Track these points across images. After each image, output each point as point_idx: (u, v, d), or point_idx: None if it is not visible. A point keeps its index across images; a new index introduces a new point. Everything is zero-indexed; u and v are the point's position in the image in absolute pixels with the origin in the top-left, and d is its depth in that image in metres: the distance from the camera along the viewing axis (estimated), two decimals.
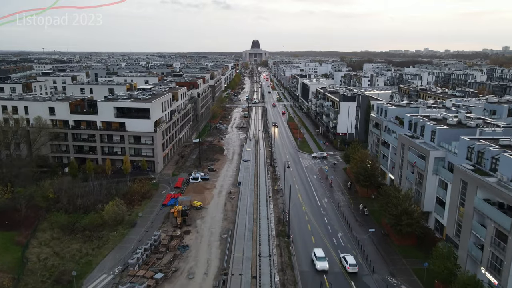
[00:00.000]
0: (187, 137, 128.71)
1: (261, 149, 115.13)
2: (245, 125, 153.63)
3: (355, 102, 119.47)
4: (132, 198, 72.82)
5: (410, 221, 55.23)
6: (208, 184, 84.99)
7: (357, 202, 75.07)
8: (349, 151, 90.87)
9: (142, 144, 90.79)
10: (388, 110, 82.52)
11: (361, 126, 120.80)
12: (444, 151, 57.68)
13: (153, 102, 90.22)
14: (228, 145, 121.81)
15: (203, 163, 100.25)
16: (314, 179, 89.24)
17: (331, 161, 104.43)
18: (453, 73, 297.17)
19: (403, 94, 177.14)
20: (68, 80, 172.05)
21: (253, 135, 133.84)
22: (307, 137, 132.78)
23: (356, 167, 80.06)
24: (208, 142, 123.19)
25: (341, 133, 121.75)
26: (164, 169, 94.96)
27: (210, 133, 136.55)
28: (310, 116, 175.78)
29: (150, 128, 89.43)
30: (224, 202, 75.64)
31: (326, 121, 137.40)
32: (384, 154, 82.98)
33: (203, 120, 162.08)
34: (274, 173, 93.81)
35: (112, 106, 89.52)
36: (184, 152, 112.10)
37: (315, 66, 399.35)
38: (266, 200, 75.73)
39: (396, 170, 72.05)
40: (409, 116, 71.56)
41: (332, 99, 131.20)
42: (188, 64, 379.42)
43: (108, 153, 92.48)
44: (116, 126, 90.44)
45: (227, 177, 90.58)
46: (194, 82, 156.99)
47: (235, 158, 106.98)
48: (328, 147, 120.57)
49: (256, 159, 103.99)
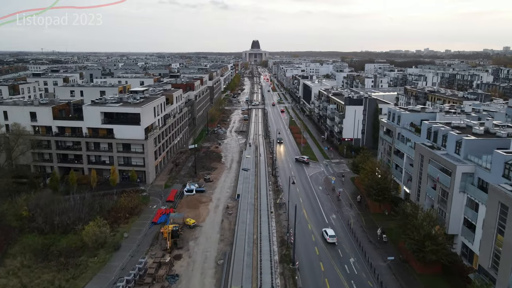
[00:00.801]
0: (183, 142, 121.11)
1: (262, 156, 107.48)
2: (245, 129, 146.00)
3: (361, 106, 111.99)
4: (117, 215, 65.11)
5: (434, 248, 47.64)
6: (203, 197, 77.37)
7: (369, 219, 67.47)
8: (358, 160, 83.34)
9: (132, 153, 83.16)
10: (402, 115, 74.88)
11: (368, 131, 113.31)
12: (473, 166, 50.01)
13: (143, 107, 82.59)
14: (226, 151, 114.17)
15: (199, 172, 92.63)
16: (320, 191, 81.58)
17: (337, 169, 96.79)
18: (458, 73, 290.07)
19: (410, 96, 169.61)
20: (60, 82, 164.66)
21: (253, 140, 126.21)
22: (310, 142, 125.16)
23: (366, 179, 72.49)
24: (205, 148, 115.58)
25: (347, 138, 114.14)
26: (157, 179, 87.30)
27: (208, 138, 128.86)
28: (312, 119, 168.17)
29: (141, 135, 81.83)
30: (221, 219, 67.97)
31: (330, 125, 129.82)
32: (397, 164, 75.37)
33: (201, 123, 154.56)
34: (276, 183, 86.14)
35: (98, 111, 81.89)
36: (179, 159, 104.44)
37: (316, 67, 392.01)
38: (267, 216, 68.07)
39: (413, 184, 64.41)
40: (428, 124, 63.91)
41: (337, 102, 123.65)
42: (187, 65, 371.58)
43: (95, 162, 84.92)
44: (104, 133, 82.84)
45: (224, 188, 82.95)
46: (191, 83, 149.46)
47: (234, 166, 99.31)
48: (333, 153, 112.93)
49: (256, 168, 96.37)
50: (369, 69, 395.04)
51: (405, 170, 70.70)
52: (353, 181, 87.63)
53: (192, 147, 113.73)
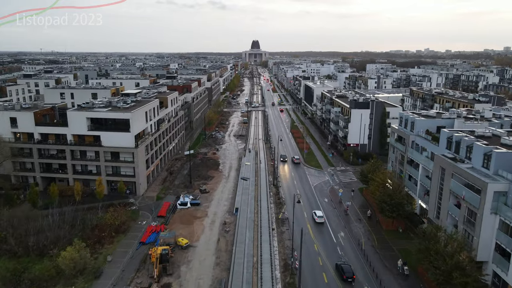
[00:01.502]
0: (178, 148, 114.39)
1: (262, 163, 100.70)
2: (244, 132, 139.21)
3: (368, 109, 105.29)
4: (102, 234, 58.34)
5: (464, 280, 40.90)
6: (198, 211, 70.62)
7: (382, 238, 60.73)
8: (367, 169, 76.64)
9: (121, 162, 76.42)
10: (416, 122, 68.14)
11: (375, 137, 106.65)
12: (507, 184, 43.30)
13: (134, 112, 75.83)
14: (224, 157, 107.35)
15: (195, 181, 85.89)
16: (326, 204, 74.84)
17: (343, 178, 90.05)
18: (463, 74, 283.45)
19: (416, 97, 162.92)
20: (52, 83, 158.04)
21: (252, 145, 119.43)
22: (314, 148, 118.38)
23: (377, 191, 65.85)
24: (201, 154, 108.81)
25: (352, 144, 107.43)
26: (148, 190, 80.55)
27: (205, 143, 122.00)
28: (315, 122, 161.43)
29: (130, 143, 75.09)
30: (217, 237, 61.19)
31: (334, 129, 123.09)
32: (411, 174, 68.62)
33: (198, 127, 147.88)
34: (277, 194, 79.42)
35: (84, 116, 75.13)
36: (174, 167, 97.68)
37: (317, 67, 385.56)
38: (269, 234, 61.32)
39: (432, 199, 57.71)
40: (447, 132, 57.14)
41: (341, 105, 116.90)
42: (186, 65, 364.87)
43: (81, 172, 78.25)
44: (90, 140, 76.10)
45: (221, 201, 76.19)
46: (188, 85, 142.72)
47: (232, 174, 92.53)
48: (337, 159, 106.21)
49: (257, 177, 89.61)
50: (370, 70, 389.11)
51: (421, 183, 63.97)
52: (361, 192, 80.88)
53: (188, 153, 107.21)
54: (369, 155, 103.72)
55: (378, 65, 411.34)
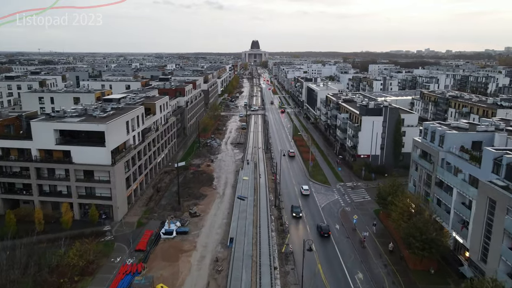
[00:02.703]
0: (169, 158, 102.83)
1: (262, 178, 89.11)
2: (242, 140, 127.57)
3: (381, 116, 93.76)
4: (61, 280, 46.68)
5: None
6: (186, 243, 59.02)
7: (409, 281, 49.16)
8: (385, 190, 65.08)
9: (95, 182, 64.82)
10: (447, 135, 56.66)
11: (388, 147, 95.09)
12: None
13: (110, 123, 64.20)
14: (219, 170, 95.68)
15: (184, 202, 74.34)
16: (337, 233, 63.20)
17: (355, 197, 78.50)
18: (471, 75, 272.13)
19: (427, 101, 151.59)
20: (35, 85, 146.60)
21: (251, 156, 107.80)
22: (319, 158, 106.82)
23: (401, 220, 54.44)
24: (194, 166, 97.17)
25: (362, 155, 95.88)
26: (129, 213, 68.96)
27: (199, 153, 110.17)
28: (318, 128, 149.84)
29: (106, 160, 63.51)
30: (207, 280, 49.58)
31: (341, 137, 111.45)
32: (440, 199, 57.14)
33: (193, 133, 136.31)
34: (279, 219, 67.87)
35: (51, 128, 63.48)
36: (162, 182, 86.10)
37: (318, 68, 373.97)
38: (270, 275, 49.78)
39: (475, 236, 46.18)
40: (494, 152, 45.61)
41: (349, 111, 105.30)
42: (183, 66, 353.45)
43: (49, 193, 66.70)
44: (59, 156, 64.51)
45: (214, 227, 64.60)
46: (181, 88, 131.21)
47: (228, 192, 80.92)
48: (346, 172, 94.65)
49: (256, 195, 78.02)
50: (373, 70, 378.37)
51: (456, 211, 52.48)
52: (377, 214, 69.36)
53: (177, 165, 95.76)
54: (383, 168, 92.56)
55: (381, 65, 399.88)
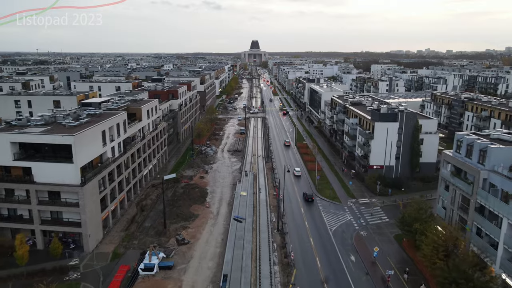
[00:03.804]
0: (158, 169, 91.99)
1: (262, 192, 78.34)
2: (240, 147, 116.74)
3: (396, 122, 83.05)
4: None
5: None
6: (169, 282, 48.13)
7: None
8: (409, 214, 54.25)
9: (61, 205, 54.00)
10: (491, 151, 45.79)
11: (404, 157, 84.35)
12: None
13: (79, 134, 53.29)
14: (214, 183, 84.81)
15: (171, 224, 63.48)
16: (352, 266, 52.29)
17: (369, 217, 67.62)
18: (479, 75, 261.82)
19: (440, 103, 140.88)
20: (18, 87, 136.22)
21: (250, 166, 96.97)
22: (325, 168, 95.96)
23: (436, 258, 43.74)
24: (186, 179, 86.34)
25: (375, 165, 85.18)
26: (104, 240, 58.03)
27: (192, 163, 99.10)
28: (323, 132, 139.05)
29: (74, 178, 52.66)
30: None
31: (349, 144, 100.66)
32: (481, 228, 46.35)
33: (187, 139, 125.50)
34: (283, 247, 57.01)
35: (8, 140, 52.66)
36: (148, 199, 75.25)
37: (320, 68, 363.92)
38: None
39: None
40: None
41: (359, 116, 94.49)
42: (181, 66, 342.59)
43: (7, 218, 55.87)
44: (18, 173, 53.75)
45: (205, 260, 53.69)
46: (174, 90, 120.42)
47: (223, 212, 70.02)
48: (357, 185, 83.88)
49: (255, 215, 67.21)
50: (375, 70, 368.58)
51: (506, 247, 41.74)
52: (399, 242, 58.47)
53: (170, 177, 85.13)
54: (398, 181, 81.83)
55: (384, 65, 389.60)
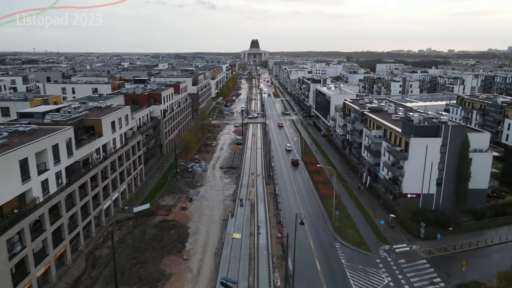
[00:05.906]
0: (129, 197, 71.83)
1: (262, 233, 58.24)
2: (236, 162, 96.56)
3: (439, 138, 63.07)
4: None
5: None
6: None
7: None
8: None
9: None
10: None
11: (448, 183, 64.36)
12: None
13: None
14: (199, 218, 64.52)
15: None
16: None
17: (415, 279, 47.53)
18: (498, 75, 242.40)
19: (469, 108, 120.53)
20: None
21: (247, 190, 76.66)
22: (342, 193, 75.73)
23: None
24: (164, 210, 66.22)
25: (409, 194, 65.18)
26: None
27: (173, 186, 78.64)
28: (333, 142, 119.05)
29: None
30: None
31: (370, 162, 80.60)
32: None
33: (173, 152, 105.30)
34: None
35: None
36: (104, 247, 55.03)
37: (323, 67, 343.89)
38: None
39: None
40: None
41: (385, 128, 74.43)
42: (176, 65, 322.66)
43: None
44: None
45: None
46: (157, 93, 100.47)
47: (206, 268, 49.69)
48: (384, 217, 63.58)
49: (252, 275, 47.04)
50: (381, 70, 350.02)
51: None
52: None
53: (141, 208, 65.57)
54: (444, 217, 61.63)
55: (391, 65, 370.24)
